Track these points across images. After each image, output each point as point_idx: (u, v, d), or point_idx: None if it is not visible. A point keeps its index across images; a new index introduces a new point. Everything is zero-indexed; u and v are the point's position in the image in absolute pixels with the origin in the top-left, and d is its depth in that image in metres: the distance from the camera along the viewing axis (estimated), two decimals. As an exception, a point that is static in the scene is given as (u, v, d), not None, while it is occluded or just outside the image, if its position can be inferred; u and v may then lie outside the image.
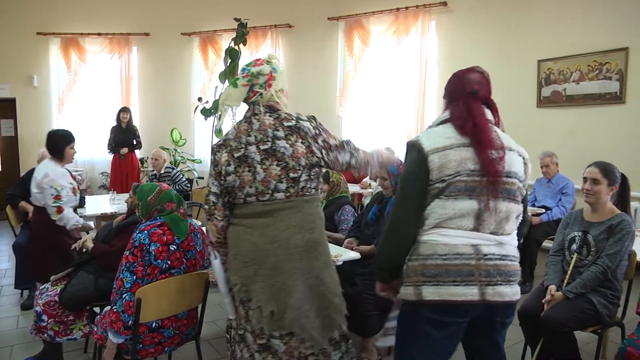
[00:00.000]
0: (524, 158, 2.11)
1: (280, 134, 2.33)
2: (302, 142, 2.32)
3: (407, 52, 8.12)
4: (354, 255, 3.54)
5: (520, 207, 2.07)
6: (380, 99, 8.54)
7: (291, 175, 2.29)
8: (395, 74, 8.32)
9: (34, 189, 4.02)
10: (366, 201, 6.16)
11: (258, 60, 2.50)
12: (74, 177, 4.26)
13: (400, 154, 7.86)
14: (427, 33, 7.90)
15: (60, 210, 3.98)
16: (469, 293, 1.91)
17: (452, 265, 1.92)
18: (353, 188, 6.59)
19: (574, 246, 3.17)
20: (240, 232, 2.34)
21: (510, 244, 2.04)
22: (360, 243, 3.84)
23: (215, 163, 2.40)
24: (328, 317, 2.37)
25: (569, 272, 3.13)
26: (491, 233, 1.99)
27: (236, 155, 2.34)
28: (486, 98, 2.13)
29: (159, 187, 2.93)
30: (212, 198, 2.39)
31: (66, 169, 4.20)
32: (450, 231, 1.96)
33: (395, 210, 2.04)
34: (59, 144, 4.09)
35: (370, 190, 6.48)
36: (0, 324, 4.38)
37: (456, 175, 1.94)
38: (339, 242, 4.17)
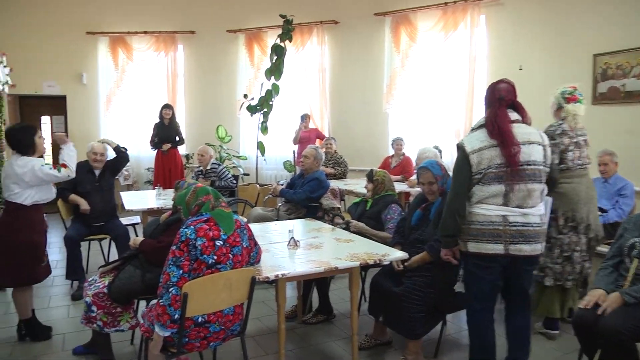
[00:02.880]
0: (544, 146, 3.02)
1: (585, 131, 3.97)
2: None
3: (456, 47, 7.97)
4: (401, 255, 3.50)
5: (542, 185, 3.01)
6: (427, 96, 8.40)
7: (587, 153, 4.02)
8: (443, 70, 8.17)
9: (15, 187, 3.75)
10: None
11: (574, 86, 4.00)
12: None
13: (447, 149, 7.65)
14: (476, 28, 7.73)
15: (64, 166, 3.89)
16: (497, 248, 2.93)
17: (487, 229, 2.94)
18: (400, 187, 6.51)
19: (635, 252, 3.01)
20: (576, 186, 3.88)
21: (533, 214, 2.95)
22: (405, 249, 3.75)
23: (558, 144, 3.82)
24: None
25: (628, 278, 2.95)
26: (517, 207, 2.92)
27: (573, 140, 3.89)
28: (512, 101, 3.04)
29: (193, 187, 3.01)
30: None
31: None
32: (487, 206, 2.95)
33: (452, 191, 3.05)
34: (25, 137, 3.82)
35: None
36: (53, 313, 4.56)
37: (488, 168, 2.91)
38: (385, 241, 4.12)
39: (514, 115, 2.98)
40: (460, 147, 3.01)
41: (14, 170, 3.73)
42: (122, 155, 5.38)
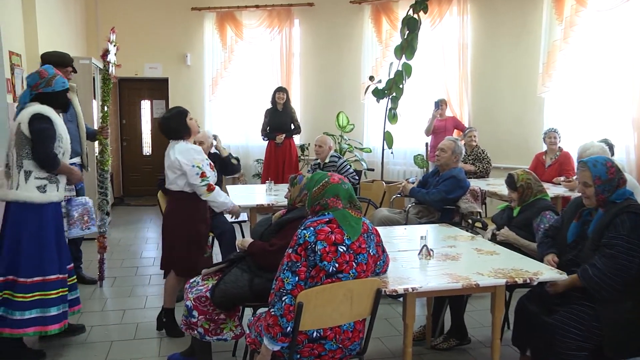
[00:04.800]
0: None
1: None
2: None
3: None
4: (556, 275, 3.33)
5: None
6: (596, 76, 7.99)
7: None
8: (619, 42, 7.68)
9: (171, 175, 4.21)
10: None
11: None
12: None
13: (619, 144, 7.13)
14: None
15: (210, 188, 4.14)
16: None
17: None
18: (557, 190, 6.26)
19: None
20: None
21: None
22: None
23: None
24: None
25: None
26: None
27: None
28: None
29: (326, 179, 2.99)
30: None
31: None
32: None
33: None
34: (178, 122, 4.23)
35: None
36: (149, 315, 4.85)
37: None
38: (534, 254, 3.96)
39: None
40: None
41: (171, 156, 4.18)
42: (231, 168, 5.65)
